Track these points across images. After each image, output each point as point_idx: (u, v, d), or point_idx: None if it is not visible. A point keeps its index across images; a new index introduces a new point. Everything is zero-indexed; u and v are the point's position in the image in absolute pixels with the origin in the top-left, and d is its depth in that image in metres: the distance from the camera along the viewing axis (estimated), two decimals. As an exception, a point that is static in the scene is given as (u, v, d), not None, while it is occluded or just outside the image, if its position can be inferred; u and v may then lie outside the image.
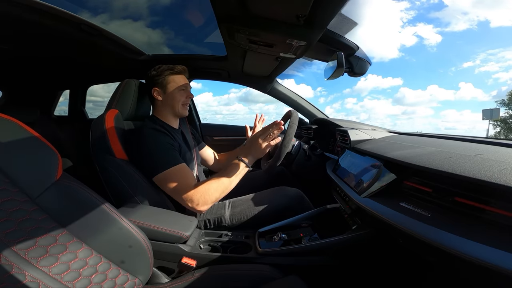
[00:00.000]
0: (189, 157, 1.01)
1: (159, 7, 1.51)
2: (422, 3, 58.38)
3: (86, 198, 0.54)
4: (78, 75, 1.81)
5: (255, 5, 0.68)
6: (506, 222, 0.41)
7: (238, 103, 76.19)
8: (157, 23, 1.53)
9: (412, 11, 61.80)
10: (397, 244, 0.66)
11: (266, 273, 0.71)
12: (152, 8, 1.50)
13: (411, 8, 56.83)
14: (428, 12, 55.84)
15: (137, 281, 0.58)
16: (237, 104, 76.06)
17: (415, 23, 61.86)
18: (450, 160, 0.53)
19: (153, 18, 1.51)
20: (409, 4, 55.35)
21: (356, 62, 1.01)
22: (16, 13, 0.85)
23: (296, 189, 1.09)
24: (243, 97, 72.21)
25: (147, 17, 1.55)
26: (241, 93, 72.64)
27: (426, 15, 56.04)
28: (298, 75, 1.58)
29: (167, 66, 0.99)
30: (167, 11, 1.52)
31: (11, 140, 0.47)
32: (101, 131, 0.86)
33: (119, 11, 1.32)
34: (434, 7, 54.50)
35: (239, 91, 78.12)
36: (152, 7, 1.49)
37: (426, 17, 55.52)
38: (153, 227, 0.73)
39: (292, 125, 0.97)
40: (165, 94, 0.98)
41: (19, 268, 0.41)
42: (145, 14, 1.53)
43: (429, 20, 54.76)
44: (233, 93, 78.06)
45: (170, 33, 1.57)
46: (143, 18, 1.49)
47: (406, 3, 55.93)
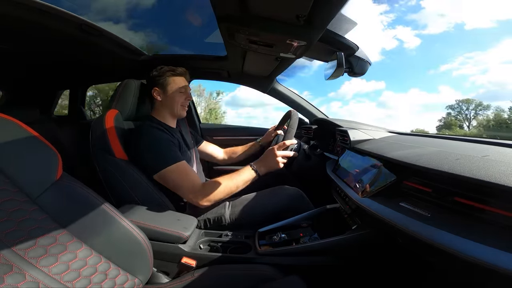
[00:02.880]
0: (189, 156, 1.02)
1: (159, 7, 1.51)
2: (400, 5, 59.42)
3: (86, 198, 0.54)
4: (78, 75, 1.81)
5: (255, 5, 0.68)
6: (506, 222, 0.41)
7: (225, 107, 73.51)
8: (157, 23, 1.53)
9: (391, 14, 62.15)
10: (397, 244, 0.66)
11: (266, 273, 0.71)
12: (152, 8, 1.50)
13: (390, 11, 57.43)
14: (405, 15, 56.07)
15: (137, 281, 0.58)
16: (224, 107, 72.80)
17: (395, 26, 62.30)
18: (450, 160, 0.53)
19: (153, 18, 1.52)
20: (388, 7, 55.83)
21: (356, 62, 1.01)
22: (16, 13, 0.85)
23: (296, 188, 1.10)
24: (230, 102, 70.69)
25: (147, 17, 1.56)
26: (228, 97, 71.15)
27: (404, 17, 56.40)
28: (284, 79, 1.60)
29: (169, 67, 1.01)
30: (167, 11, 1.52)
31: (11, 140, 0.47)
32: (101, 131, 0.86)
33: (122, 11, 1.32)
34: (411, 9, 55.13)
35: (226, 95, 75.41)
36: (152, 7, 1.49)
37: (404, 19, 56.06)
38: (153, 227, 0.73)
39: (292, 125, 0.97)
40: (164, 95, 0.99)
41: (19, 268, 0.41)
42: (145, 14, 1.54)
43: (407, 23, 55.34)
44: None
45: (170, 33, 1.58)
46: (144, 18, 1.49)
47: (386, 6, 56.76)
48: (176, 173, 0.85)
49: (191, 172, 0.88)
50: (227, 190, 0.87)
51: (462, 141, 0.73)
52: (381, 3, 32.77)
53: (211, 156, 1.34)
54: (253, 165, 0.92)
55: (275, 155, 0.92)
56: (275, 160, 0.92)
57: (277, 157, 0.92)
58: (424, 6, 43.86)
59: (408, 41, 38.43)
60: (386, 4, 49.51)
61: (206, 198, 0.84)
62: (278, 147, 0.93)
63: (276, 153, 0.92)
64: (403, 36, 37.60)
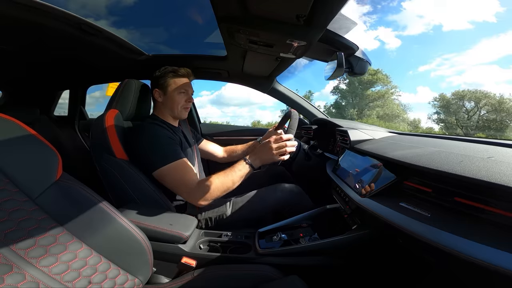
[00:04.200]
0: (190, 155, 1.02)
1: (159, 7, 1.51)
2: (382, 6, 55.24)
3: (86, 198, 0.54)
4: (78, 75, 1.81)
5: (255, 5, 0.68)
6: (506, 222, 0.41)
7: (211, 106, 74.51)
8: (157, 23, 1.53)
9: (374, 15, 58.19)
10: (397, 244, 0.67)
11: (266, 273, 0.71)
12: (152, 8, 1.50)
13: (373, 12, 53.79)
14: (386, 15, 52.97)
15: (137, 281, 0.58)
16: (210, 106, 74.32)
17: (377, 27, 58.23)
18: (450, 160, 0.53)
19: (153, 18, 1.51)
20: (371, 8, 52.45)
21: (356, 62, 1.01)
22: (16, 13, 0.84)
23: (294, 185, 1.10)
24: (215, 100, 70.92)
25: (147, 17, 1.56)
26: (213, 96, 71.41)
27: (385, 18, 53.02)
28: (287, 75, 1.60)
29: (172, 68, 1.00)
30: (167, 11, 1.52)
31: (11, 140, 0.47)
32: (101, 131, 0.86)
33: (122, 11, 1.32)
34: (392, 9, 51.85)
35: (211, 93, 75.46)
36: (152, 6, 1.49)
37: (385, 20, 52.52)
38: (153, 227, 0.73)
39: (292, 125, 0.97)
40: (165, 96, 0.99)
41: (19, 268, 0.41)
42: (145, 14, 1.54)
43: (388, 23, 51.70)
44: (205, 95, 76.08)
45: (170, 33, 1.57)
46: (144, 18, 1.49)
47: (368, 7, 53.18)
48: (175, 170, 0.84)
49: (190, 170, 0.86)
50: (223, 187, 0.84)
51: (462, 141, 0.73)
52: (364, 3, 32.45)
53: (211, 155, 1.33)
54: (247, 159, 0.90)
55: (270, 148, 0.88)
56: (271, 152, 0.88)
57: (273, 150, 0.88)
58: (405, 7, 43.39)
59: (389, 42, 38.27)
60: (369, 5, 47.55)
61: (202, 196, 0.82)
62: (275, 140, 0.90)
63: (272, 145, 0.88)
64: (385, 37, 37.42)
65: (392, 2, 33.47)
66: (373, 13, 26.88)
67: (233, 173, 0.87)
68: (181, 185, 0.84)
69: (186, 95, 1.01)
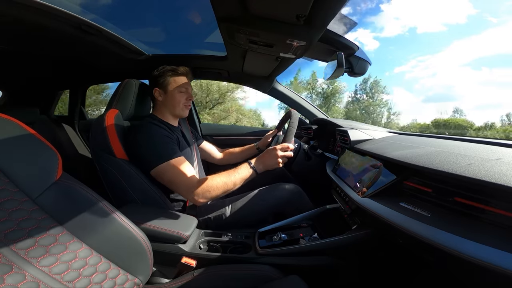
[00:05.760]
0: (189, 154, 1.02)
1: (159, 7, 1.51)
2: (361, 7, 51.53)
3: (86, 198, 0.54)
4: (78, 75, 1.81)
5: (255, 5, 0.68)
6: (506, 222, 0.41)
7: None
8: (157, 22, 1.53)
9: (354, 17, 53.57)
10: (397, 244, 0.66)
11: (266, 273, 0.71)
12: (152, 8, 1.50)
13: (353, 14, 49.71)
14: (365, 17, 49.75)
15: (137, 281, 0.58)
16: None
17: (356, 28, 53.61)
18: (450, 161, 0.53)
19: (153, 18, 1.51)
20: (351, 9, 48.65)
21: (356, 62, 1.01)
22: (15, 13, 0.84)
23: (294, 185, 1.10)
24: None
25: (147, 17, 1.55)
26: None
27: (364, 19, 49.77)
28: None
29: (170, 67, 1.00)
30: (167, 11, 1.52)
31: (11, 140, 0.47)
32: (101, 130, 0.86)
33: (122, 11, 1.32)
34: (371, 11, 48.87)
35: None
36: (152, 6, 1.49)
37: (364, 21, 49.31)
38: (153, 227, 0.73)
39: (292, 125, 0.97)
40: (165, 95, 0.99)
41: (19, 267, 0.41)
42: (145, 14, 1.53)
43: (367, 25, 48.66)
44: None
45: (170, 33, 1.57)
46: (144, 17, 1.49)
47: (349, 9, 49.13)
48: (172, 168, 0.84)
49: (187, 169, 0.86)
50: (224, 187, 0.85)
51: (462, 141, 0.73)
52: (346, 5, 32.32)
53: (209, 155, 1.35)
54: (251, 163, 0.91)
55: (276, 155, 0.91)
56: (276, 160, 0.91)
57: (278, 158, 0.91)
58: (383, 9, 42.85)
59: (367, 43, 38.01)
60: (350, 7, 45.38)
61: (202, 195, 0.82)
62: (281, 148, 0.92)
63: (277, 153, 0.91)
64: (364, 39, 37.15)
65: (371, 4, 33.36)
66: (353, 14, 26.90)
67: (236, 175, 0.88)
68: (180, 182, 0.84)
69: (186, 93, 1.02)
